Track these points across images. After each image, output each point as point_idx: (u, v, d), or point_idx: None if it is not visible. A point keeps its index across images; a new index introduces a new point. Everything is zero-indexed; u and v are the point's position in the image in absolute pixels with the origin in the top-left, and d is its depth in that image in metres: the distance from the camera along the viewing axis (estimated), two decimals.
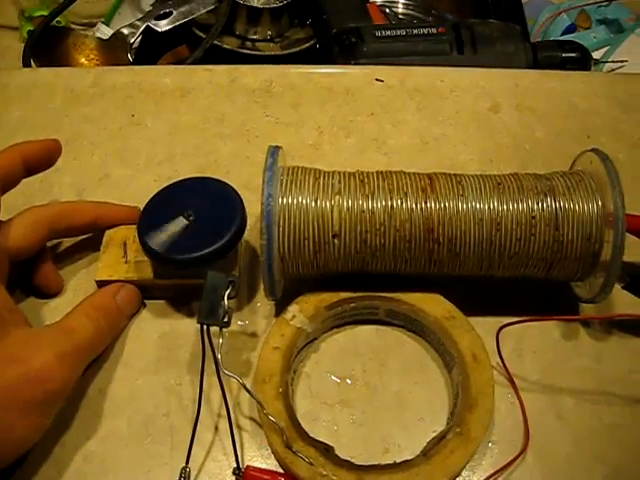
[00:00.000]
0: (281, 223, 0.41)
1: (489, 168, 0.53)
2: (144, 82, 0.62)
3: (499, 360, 0.44)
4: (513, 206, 0.43)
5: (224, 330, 0.41)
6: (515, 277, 0.45)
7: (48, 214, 0.46)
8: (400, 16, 0.92)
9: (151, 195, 0.47)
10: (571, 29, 0.89)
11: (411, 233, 0.42)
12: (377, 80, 0.61)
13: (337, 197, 0.42)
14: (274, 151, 0.43)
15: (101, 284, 0.47)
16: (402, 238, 0.42)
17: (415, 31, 0.76)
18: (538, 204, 0.43)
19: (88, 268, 0.50)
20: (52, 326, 0.42)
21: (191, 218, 0.44)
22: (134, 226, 0.46)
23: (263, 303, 0.48)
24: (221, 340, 0.40)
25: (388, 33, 0.75)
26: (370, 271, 0.44)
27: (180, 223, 0.44)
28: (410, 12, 0.93)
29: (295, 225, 0.42)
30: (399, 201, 0.42)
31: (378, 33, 0.75)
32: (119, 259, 0.47)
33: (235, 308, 0.47)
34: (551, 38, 0.87)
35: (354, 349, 0.46)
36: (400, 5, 0.92)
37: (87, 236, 0.50)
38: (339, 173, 0.44)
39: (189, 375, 0.44)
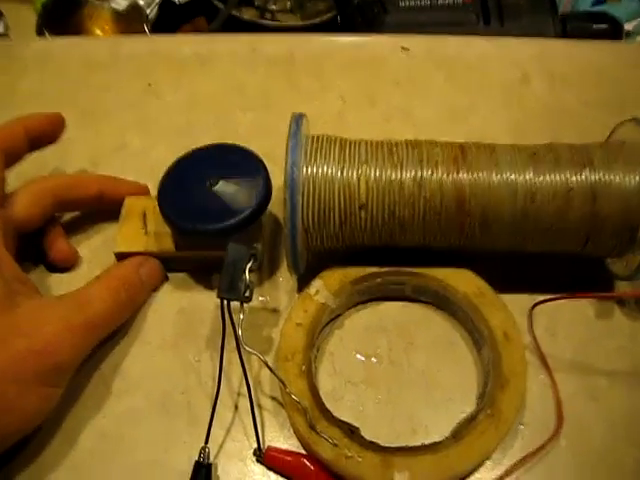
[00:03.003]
0: (305, 193, 0.40)
1: (520, 139, 0.50)
2: (162, 51, 0.60)
3: (531, 339, 0.43)
4: (549, 178, 0.40)
5: (245, 305, 0.39)
6: (549, 252, 0.43)
7: (51, 185, 0.45)
8: None
9: (168, 165, 0.45)
10: (601, 1, 0.86)
11: (441, 205, 0.40)
12: (403, 49, 0.59)
13: (364, 167, 0.40)
14: (298, 118, 0.41)
15: (120, 257, 0.45)
16: (432, 210, 0.40)
17: (440, 1, 0.73)
18: (575, 176, 0.40)
19: (106, 240, 0.48)
20: (66, 296, 0.41)
21: (214, 186, 0.42)
22: (154, 197, 0.45)
23: (285, 278, 0.46)
24: (242, 315, 0.39)
25: (412, 3, 0.73)
26: (398, 244, 0.42)
27: (203, 192, 0.42)
28: None
29: (320, 195, 0.40)
30: (429, 171, 0.40)
31: (402, 3, 0.73)
32: (139, 230, 0.46)
33: (256, 283, 0.45)
34: (580, 9, 0.85)
35: (380, 326, 0.44)
36: None
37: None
38: (366, 142, 0.42)
39: (208, 351, 0.43)
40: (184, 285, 0.46)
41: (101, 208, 0.48)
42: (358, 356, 0.43)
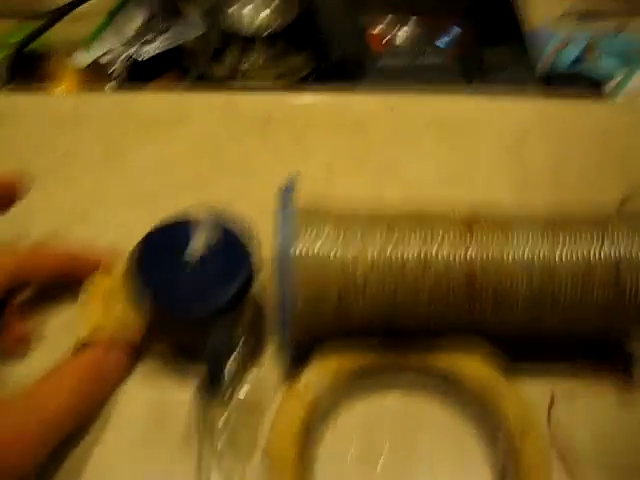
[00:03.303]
0: (297, 275, 0.35)
1: (522, 205, 0.47)
2: (130, 109, 0.55)
3: (551, 431, 0.38)
4: (567, 253, 0.36)
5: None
6: (567, 332, 0.39)
7: (9, 260, 0.41)
8: (399, 47, 0.87)
9: (136, 237, 0.40)
10: (580, 60, 0.84)
11: (449, 287, 0.36)
12: (390, 109, 0.55)
13: (362, 245, 0.36)
14: (288, 188, 0.37)
15: (83, 343, 0.40)
16: (438, 293, 0.36)
17: (420, 60, 0.71)
18: (595, 250, 0.36)
19: (67, 322, 0.43)
20: (18, 396, 0.35)
21: (192, 263, 0.38)
22: (122, 272, 0.39)
23: (270, 366, 0.41)
24: (222, 421, 0.33)
25: (392, 62, 0.70)
26: (399, 330, 0.38)
27: (180, 270, 0.37)
28: (411, 43, 0.87)
29: (314, 278, 0.35)
30: (434, 249, 0.36)
31: (381, 62, 0.70)
32: (104, 312, 0.40)
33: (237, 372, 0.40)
34: (559, 69, 0.83)
35: (379, 422, 0.39)
36: (401, 35, 0.87)
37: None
38: (364, 215, 0.37)
39: (183, 456, 0.37)
40: (156, 374, 0.41)
41: (62, 285, 0.43)
42: (355, 462, 0.37)
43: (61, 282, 0.42)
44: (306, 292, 0.35)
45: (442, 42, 0.88)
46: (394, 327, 0.37)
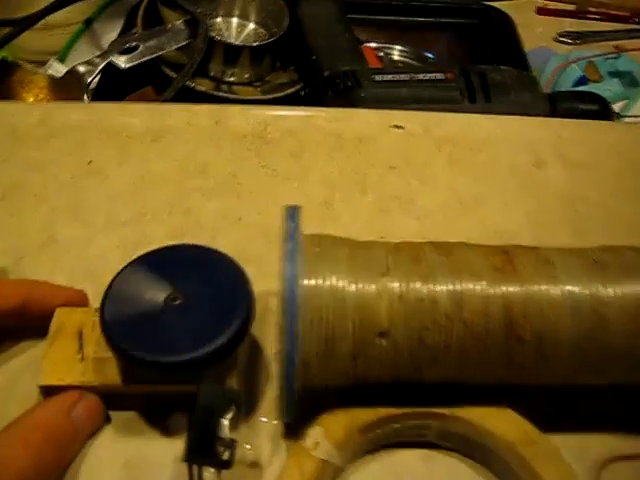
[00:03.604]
0: (307, 316, 0.29)
1: (541, 233, 0.42)
2: (105, 122, 0.49)
3: None
4: (619, 290, 0.31)
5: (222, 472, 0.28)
6: (616, 385, 0.33)
7: None
8: (396, 63, 0.82)
9: (112, 265, 0.35)
10: (583, 81, 0.81)
11: (486, 329, 0.30)
12: (396, 127, 0.50)
13: (384, 279, 0.30)
14: (293, 212, 0.31)
15: (47, 391, 0.34)
16: (474, 336, 0.30)
17: (420, 76, 0.66)
18: None
19: (28, 367, 0.36)
20: None
21: (177, 302, 0.31)
22: (93, 309, 0.33)
23: (269, 418, 0.35)
24: None
25: (389, 78, 0.65)
26: (424, 381, 0.32)
27: (162, 309, 0.31)
28: (406, 59, 0.83)
29: (327, 319, 0.29)
30: (470, 285, 0.30)
31: (378, 77, 0.65)
32: (73, 355, 0.34)
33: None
34: (562, 89, 0.79)
35: None
36: (396, 51, 0.83)
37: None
38: (382, 244, 0.32)
39: None
40: (131, 429, 0.35)
41: (23, 323, 0.36)
42: None
43: (21, 318, 0.36)
44: (318, 331, 0.29)
45: (438, 59, 0.85)
46: (419, 378, 0.32)
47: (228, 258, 0.33)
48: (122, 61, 0.66)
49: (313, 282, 0.29)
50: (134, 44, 0.67)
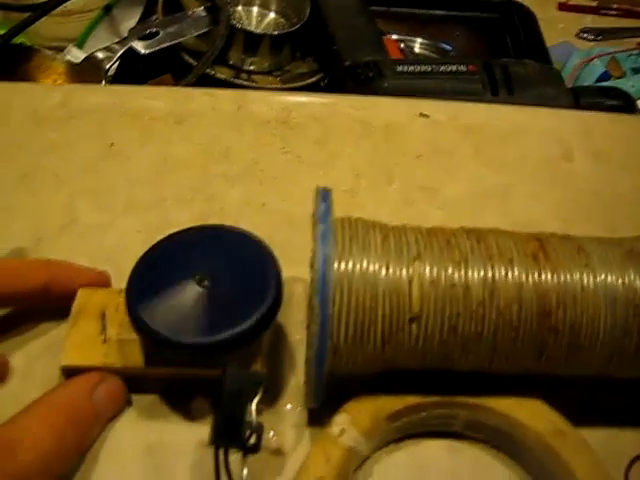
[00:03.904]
0: (337, 299, 0.28)
1: (570, 226, 0.41)
2: (127, 104, 0.49)
3: None
4: None
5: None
6: None
7: None
8: (417, 55, 0.81)
9: (132, 250, 0.34)
10: (605, 77, 0.80)
11: (519, 317, 0.30)
12: (421, 115, 0.49)
13: (416, 263, 0.29)
14: (325, 194, 0.31)
15: (68, 372, 0.33)
16: (507, 324, 0.30)
17: (442, 67, 0.65)
18: None
19: (49, 347, 0.36)
20: None
21: (205, 283, 0.31)
22: (117, 290, 0.33)
23: (293, 405, 0.34)
24: (245, 471, 0.27)
25: (411, 69, 0.64)
26: (453, 369, 0.31)
27: (189, 291, 0.31)
28: (427, 52, 0.82)
29: (358, 302, 0.29)
30: (503, 271, 0.30)
31: (400, 68, 0.64)
32: (95, 336, 0.34)
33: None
34: (585, 84, 0.79)
35: (421, 475, 0.33)
36: (417, 44, 0.82)
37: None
38: (414, 229, 0.31)
39: None
40: (153, 412, 0.34)
41: (44, 304, 0.36)
42: None
43: (42, 299, 0.35)
44: (349, 316, 0.28)
45: (458, 52, 0.84)
46: (449, 366, 0.31)
47: (258, 240, 0.33)
48: (142, 47, 0.65)
49: (345, 266, 0.29)
50: (154, 30, 0.66)
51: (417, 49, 0.81)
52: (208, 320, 0.30)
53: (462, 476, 0.33)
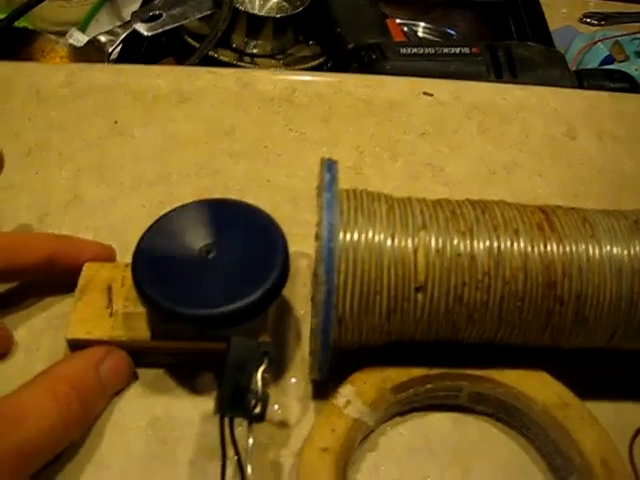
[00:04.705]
0: (343, 269, 0.28)
1: (575, 205, 0.41)
2: (131, 83, 0.49)
3: (631, 470, 0.32)
4: None
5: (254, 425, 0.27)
6: None
7: None
8: (420, 39, 0.81)
9: (137, 225, 0.34)
10: (609, 60, 0.80)
11: (525, 287, 0.30)
12: (425, 94, 0.49)
13: (422, 233, 0.29)
14: (330, 165, 0.30)
15: (74, 345, 0.33)
16: (512, 294, 0.30)
17: (445, 50, 0.65)
18: None
19: (54, 320, 0.36)
20: None
21: (211, 255, 0.31)
22: (123, 264, 0.33)
23: (298, 378, 0.34)
24: (250, 440, 0.27)
25: (414, 51, 0.64)
26: (458, 339, 0.31)
27: (195, 263, 0.31)
28: (430, 36, 0.82)
29: (363, 272, 0.29)
30: (508, 242, 0.30)
31: (403, 50, 0.64)
32: (101, 310, 0.34)
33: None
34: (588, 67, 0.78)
35: (426, 447, 0.33)
36: (420, 28, 0.81)
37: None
38: (419, 200, 0.31)
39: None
40: (158, 386, 0.34)
41: (49, 277, 0.36)
42: None
43: (48, 272, 0.35)
44: (355, 285, 0.28)
45: (462, 36, 0.83)
46: (454, 337, 0.31)
47: (264, 213, 0.33)
48: (145, 29, 0.65)
49: (350, 236, 0.29)
50: (157, 12, 0.66)
51: (420, 33, 0.81)
52: (215, 293, 0.30)
53: (467, 449, 0.33)
